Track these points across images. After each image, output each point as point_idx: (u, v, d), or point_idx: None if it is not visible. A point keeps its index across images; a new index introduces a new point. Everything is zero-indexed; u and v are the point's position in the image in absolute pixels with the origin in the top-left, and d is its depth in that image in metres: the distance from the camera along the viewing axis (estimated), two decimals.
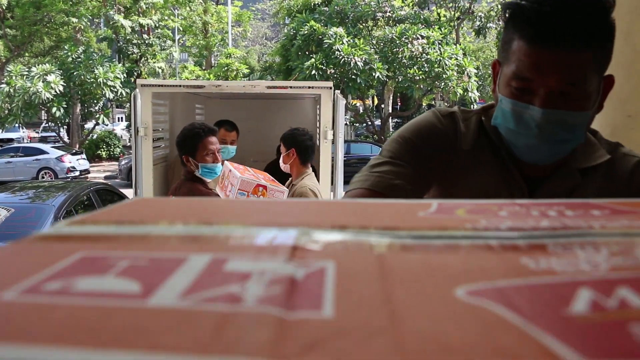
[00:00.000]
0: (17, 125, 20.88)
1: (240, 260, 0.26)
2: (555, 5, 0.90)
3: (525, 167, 1.07)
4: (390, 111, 26.02)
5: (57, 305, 0.21)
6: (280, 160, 3.56)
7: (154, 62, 22.42)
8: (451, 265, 0.27)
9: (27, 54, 27.19)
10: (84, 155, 19.26)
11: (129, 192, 6.22)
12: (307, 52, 17.50)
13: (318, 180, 4.32)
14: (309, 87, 4.60)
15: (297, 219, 0.34)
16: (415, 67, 17.23)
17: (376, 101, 29.67)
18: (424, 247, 0.29)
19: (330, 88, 4.33)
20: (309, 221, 0.33)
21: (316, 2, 22.78)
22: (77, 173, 17.85)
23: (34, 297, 0.21)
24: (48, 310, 0.20)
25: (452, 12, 23.40)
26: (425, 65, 17.20)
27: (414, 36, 17.44)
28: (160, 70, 22.71)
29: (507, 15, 0.98)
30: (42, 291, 0.22)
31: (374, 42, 18.20)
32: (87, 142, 22.51)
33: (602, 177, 1.06)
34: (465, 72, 17.77)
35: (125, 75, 19.92)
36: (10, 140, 26.25)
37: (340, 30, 17.59)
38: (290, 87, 4.69)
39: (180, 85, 4.81)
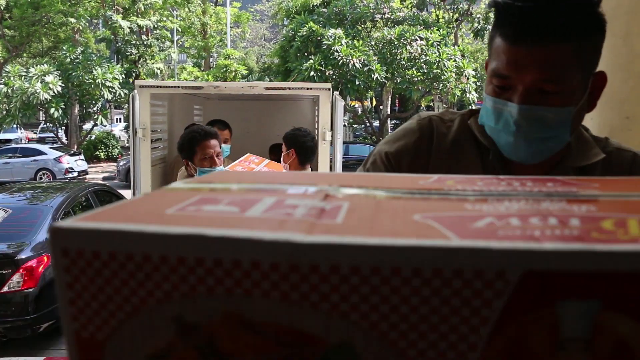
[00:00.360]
0: (15, 126, 20.86)
1: (294, 199, 0.44)
2: (533, 1, 0.90)
3: (518, 168, 1.06)
4: (388, 112, 26.00)
5: (197, 215, 0.39)
6: (281, 159, 3.61)
7: (153, 63, 22.41)
8: (419, 206, 0.43)
9: (25, 55, 27.16)
10: (82, 156, 19.25)
11: (127, 193, 6.21)
12: (305, 54, 17.50)
13: None
14: (308, 89, 4.60)
15: (331, 182, 0.52)
16: (413, 69, 17.25)
17: (375, 102, 29.67)
18: (409, 198, 0.46)
19: (329, 89, 4.33)
20: (339, 183, 0.51)
21: (315, 4, 22.75)
22: (75, 174, 17.85)
23: (183, 212, 0.40)
24: (194, 217, 0.38)
25: (451, 14, 23.43)
26: (424, 66, 17.21)
27: (413, 37, 17.45)
28: (158, 71, 22.69)
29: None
30: (187, 210, 0.40)
31: (373, 43, 18.21)
32: (85, 142, 22.50)
33: (599, 176, 1.03)
34: (464, 74, 17.78)
35: (123, 76, 19.92)
36: (8, 141, 26.24)
37: (339, 31, 17.60)
38: (289, 89, 4.69)
39: (178, 87, 4.80)
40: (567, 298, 0.33)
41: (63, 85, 18.51)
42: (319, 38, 17.25)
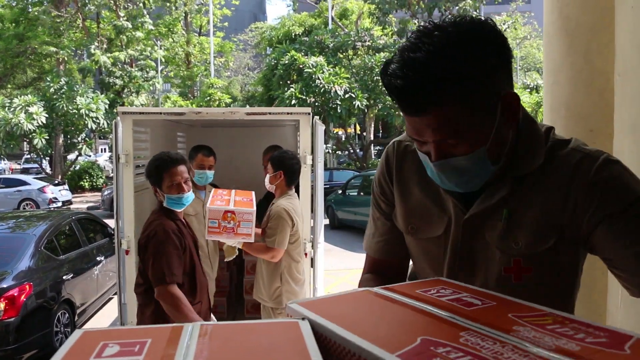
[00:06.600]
0: None
1: None
2: (402, 77, 0.98)
3: None
4: (372, 138, 26.19)
5: None
6: (266, 180, 3.69)
7: (136, 98, 22.48)
8: None
9: (9, 86, 27.12)
10: (66, 186, 19.14)
11: (111, 222, 6.21)
12: (288, 82, 17.67)
13: None
14: (288, 113, 4.67)
15: None
16: None
17: (358, 129, 29.87)
18: None
19: (309, 114, 4.39)
20: None
21: (297, 33, 23.06)
22: (60, 204, 17.71)
23: None
24: None
25: None
26: None
27: None
28: (141, 104, 22.72)
29: None
30: None
31: (354, 70, 18.44)
32: (69, 173, 22.38)
33: (535, 183, 1.12)
34: None
35: (107, 106, 19.94)
36: None
37: (321, 59, 17.80)
38: (269, 114, 4.76)
39: (160, 113, 4.86)
40: None
41: (47, 115, 18.48)
42: (301, 66, 17.44)
